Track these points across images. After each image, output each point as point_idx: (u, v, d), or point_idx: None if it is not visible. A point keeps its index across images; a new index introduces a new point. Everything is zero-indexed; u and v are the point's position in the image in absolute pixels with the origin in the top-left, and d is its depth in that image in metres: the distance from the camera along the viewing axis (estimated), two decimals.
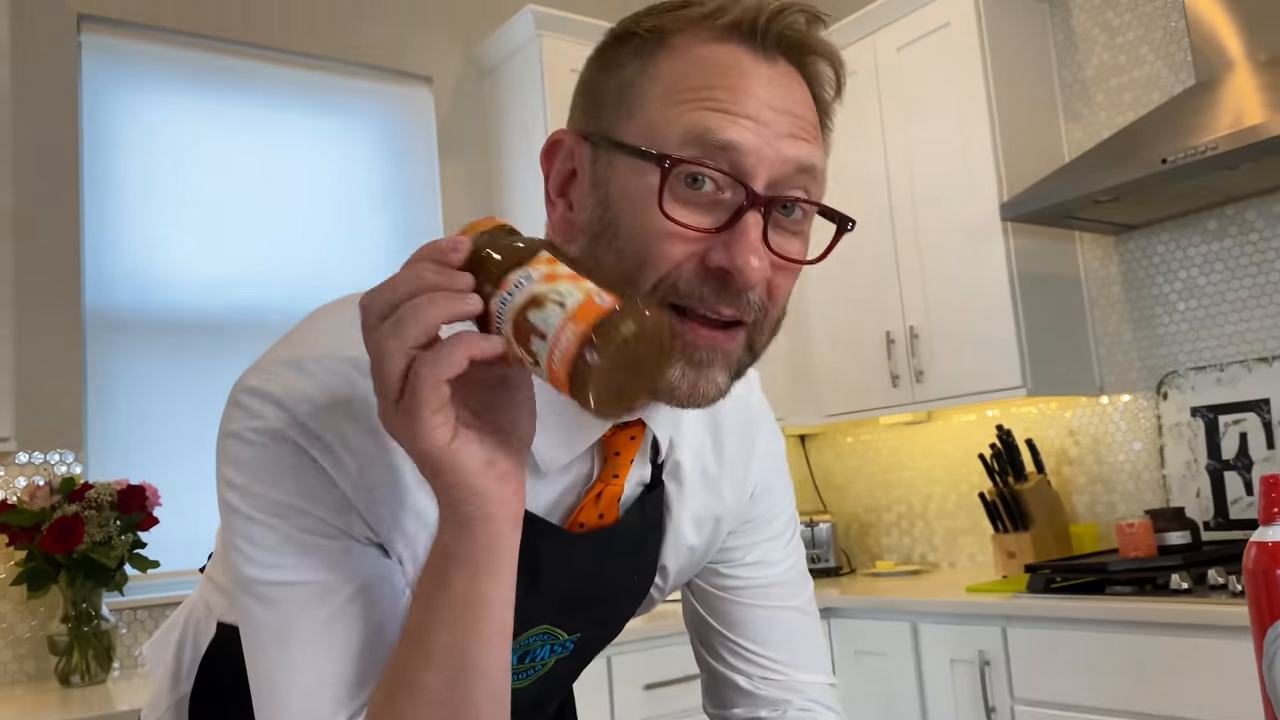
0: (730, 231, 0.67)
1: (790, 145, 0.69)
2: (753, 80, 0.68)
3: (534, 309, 0.56)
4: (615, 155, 0.70)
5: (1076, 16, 2.90)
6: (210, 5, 2.78)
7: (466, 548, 0.62)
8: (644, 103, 0.70)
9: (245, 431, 0.69)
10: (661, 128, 0.68)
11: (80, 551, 2.15)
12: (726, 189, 0.68)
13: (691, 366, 0.69)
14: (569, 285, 0.57)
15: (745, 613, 0.94)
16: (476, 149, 3.21)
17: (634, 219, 0.68)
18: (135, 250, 2.59)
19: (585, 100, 0.75)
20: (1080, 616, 2.17)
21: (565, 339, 0.55)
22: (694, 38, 0.70)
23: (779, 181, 0.69)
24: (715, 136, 0.67)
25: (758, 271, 0.67)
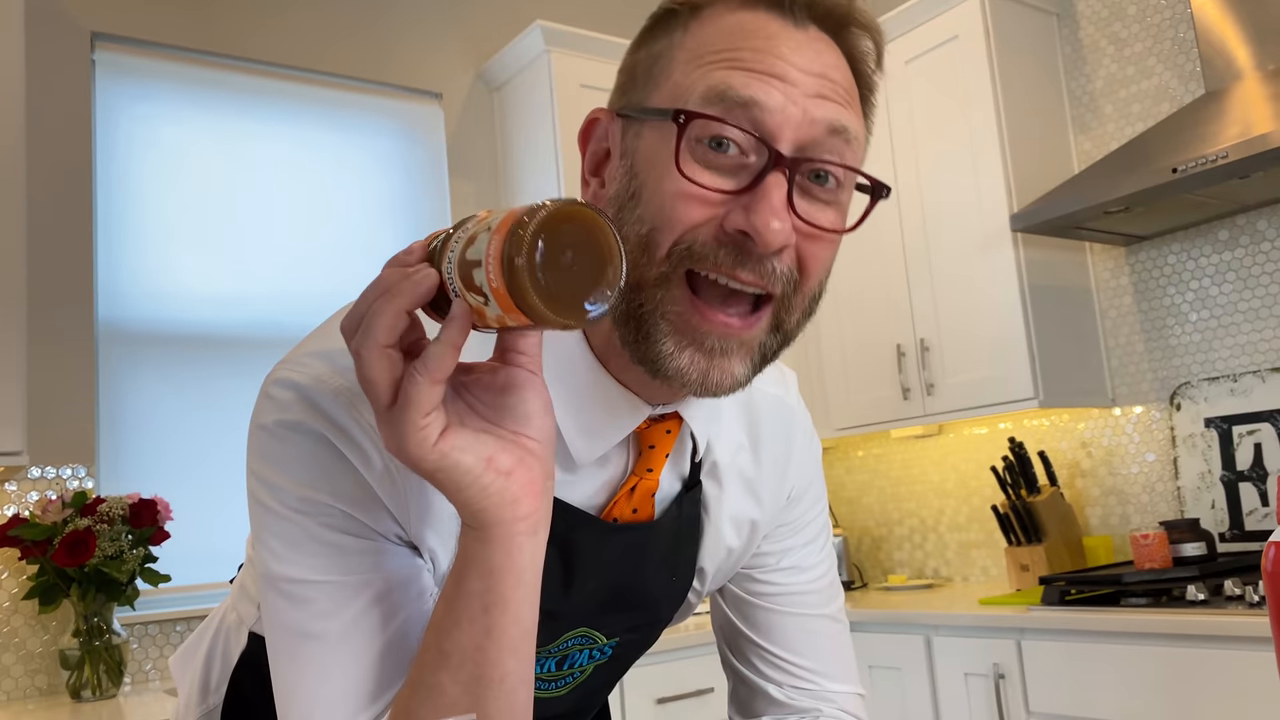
0: (751, 193, 0.65)
1: (818, 105, 0.66)
2: (780, 41, 0.67)
3: (469, 247, 0.56)
4: (644, 124, 0.69)
5: (1084, 28, 2.90)
6: (222, 23, 2.80)
7: (480, 548, 0.61)
8: (670, 69, 0.69)
9: (274, 424, 0.68)
10: (684, 89, 0.67)
11: (92, 565, 2.15)
12: (751, 152, 0.66)
13: (702, 353, 0.67)
14: (499, 215, 0.56)
15: (778, 620, 0.93)
16: (486, 164, 3.22)
17: (655, 182, 0.67)
18: (148, 265, 2.60)
19: (621, 79, 0.74)
20: (1096, 629, 2.16)
21: (492, 253, 0.54)
22: (724, 6, 0.69)
23: (807, 144, 0.66)
24: (737, 93, 0.65)
25: (779, 234, 0.64)
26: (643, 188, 0.68)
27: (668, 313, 0.67)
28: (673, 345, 0.67)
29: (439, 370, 0.56)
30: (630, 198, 0.69)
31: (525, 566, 0.62)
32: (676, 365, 0.67)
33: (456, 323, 0.56)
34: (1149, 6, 2.75)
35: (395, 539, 0.70)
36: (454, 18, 3.22)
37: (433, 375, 0.56)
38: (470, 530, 0.62)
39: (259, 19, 2.86)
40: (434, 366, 0.56)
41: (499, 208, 0.58)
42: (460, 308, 0.57)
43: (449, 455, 0.58)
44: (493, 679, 0.62)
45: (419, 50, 3.14)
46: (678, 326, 0.67)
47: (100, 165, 2.58)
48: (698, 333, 0.67)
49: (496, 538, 0.61)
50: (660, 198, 0.66)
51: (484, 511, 0.60)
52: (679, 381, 0.67)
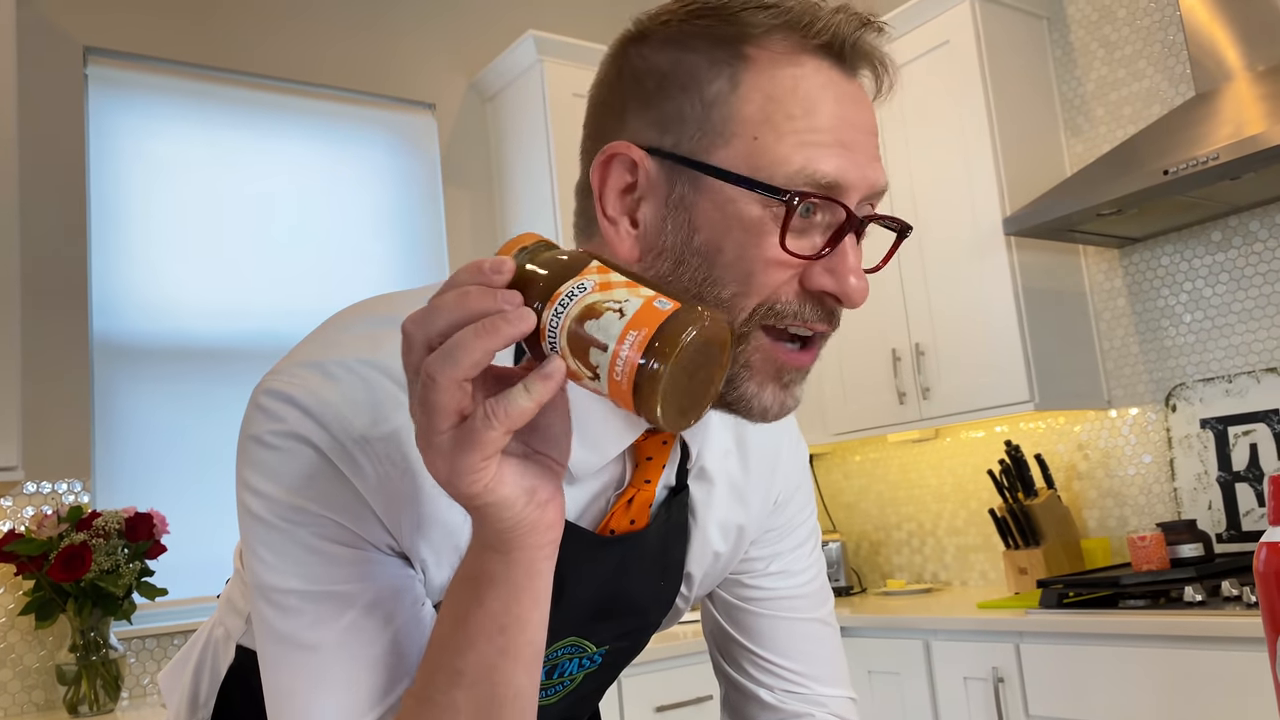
0: (832, 256, 0.69)
1: (874, 169, 0.71)
2: (845, 105, 0.70)
3: (590, 319, 0.53)
4: (703, 178, 0.68)
5: (1074, 32, 2.91)
6: (214, 36, 2.81)
7: (503, 571, 0.61)
8: (739, 127, 0.68)
9: (265, 435, 0.68)
10: (767, 159, 0.67)
11: (88, 580, 2.14)
12: (824, 212, 0.69)
13: (781, 387, 0.71)
14: (626, 292, 0.54)
15: (768, 624, 0.94)
16: (480, 174, 3.23)
17: (741, 249, 0.68)
18: (142, 278, 2.60)
19: (650, 110, 0.71)
20: (1094, 631, 2.15)
21: (627, 347, 0.52)
22: (775, 51, 0.69)
23: (864, 201, 0.71)
24: (824, 176, 0.67)
25: (860, 292, 0.69)
26: (718, 251, 0.68)
27: (750, 360, 0.70)
28: (755, 387, 0.70)
29: (517, 421, 0.54)
30: (696, 254, 0.69)
31: (543, 588, 0.62)
32: (762, 404, 0.70)
33: (550, 384, 0.54)
34: (1138, 10, 2.76)
35: (387, 549, 0.70)
36: (446, 28, 3.23)
37: (509, 424, 0.54)
38: (491, 551, 0.61)
39: (252, 32, 2.87)
40: (515, 417, 0.54)
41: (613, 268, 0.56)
42: (557, 367, 0.55)
43: (497, 491, 0.57)
44: (506, 697, 0.63)
45: (412, 61, 3.15)
46: (760, 371, 0.70)
47: (94, 179, 2.58)
48: (782, 370, 0.71)
49: (521, 561, 0.60)
50: (749, 264, 0.68)
51: (517, 538, 0.59)
52: (760, 416, 0.71)
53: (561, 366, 0.55)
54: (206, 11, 2.81)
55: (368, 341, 0.70)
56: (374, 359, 0.69)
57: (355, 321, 0.73)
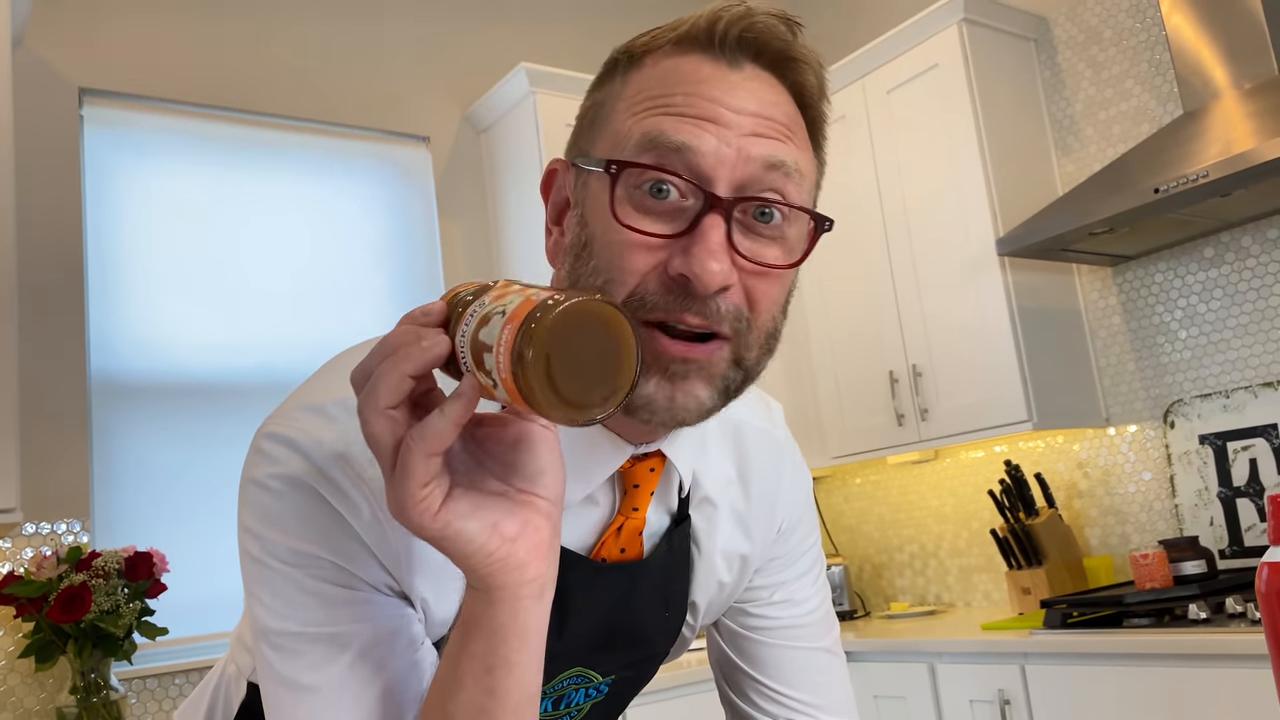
0: (690, 236, 0.65)
1: (754, 144, 0.67)
2: (712, 84, 0.68)
3: (483, 327, 0.54)
4: (589, 173, 0.70)
5: (1062, 53, 2.94)
6: (208, 75, 2.83)
7: (485, 610, 0.61)
8: (610, 120, 0.71)
9: (264, 478, 0.68)
10: (621, 137, 0.68)
11: (88, 621, 2.13)
12: (690, 196, 0.66)
13: (666, 379, 0.67)
14: (516, 297, 0.54)
15: (773, 653, 0.93)
16: (474, 205, 3.24)
17: (602, 233, 0.68)
18: (139, 317, 2.60)
19: (575, 127, 0.76)
20: (1099, 651, 2.15)
21: (504, 342, 0.52)
22: (660, 53, 0.71)
23: (745, 183, 0.67)
24: (669, 139, 0.66)
25: (717, 275, 0.64)
26: (592, 238, 0.69)
27: None
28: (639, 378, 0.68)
29: (436, 444, 0.55)
30: (583, 247, 0.70)
31: (530, 629, 0.62)
32: (644, 394, 0.66)
33: (463, 400, 0.55)
34: (1124, 30, 2.79)
35: (386, 590, 0.70)
36: (440, 61, 3.25)
37: (429, 447, 0.55)
38: (474, 591, 0.61)
39: (246, 70, 2.89)
40: (431, 439, 0.55)
41: (518, 283, 0.57)
42: (469, 384, 0.55)
43: (451, 524, 0.57)
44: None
45: (406, 95, 3.17)
46: (643, 360, 0.67)
47: (90, 219, 2.59)
48: (660, 360, 0.67)
49: (502, 600, 0.60)
50: (608, 248, 0.67)
51: (490, 576, 0.60)
52: (647, 411, 0.67)
53: (472, 383, 0.55)
54: (200, 51, 2.83)
55: None
56: None
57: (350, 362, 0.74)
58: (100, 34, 2.69)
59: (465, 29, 3.32)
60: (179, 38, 2.81)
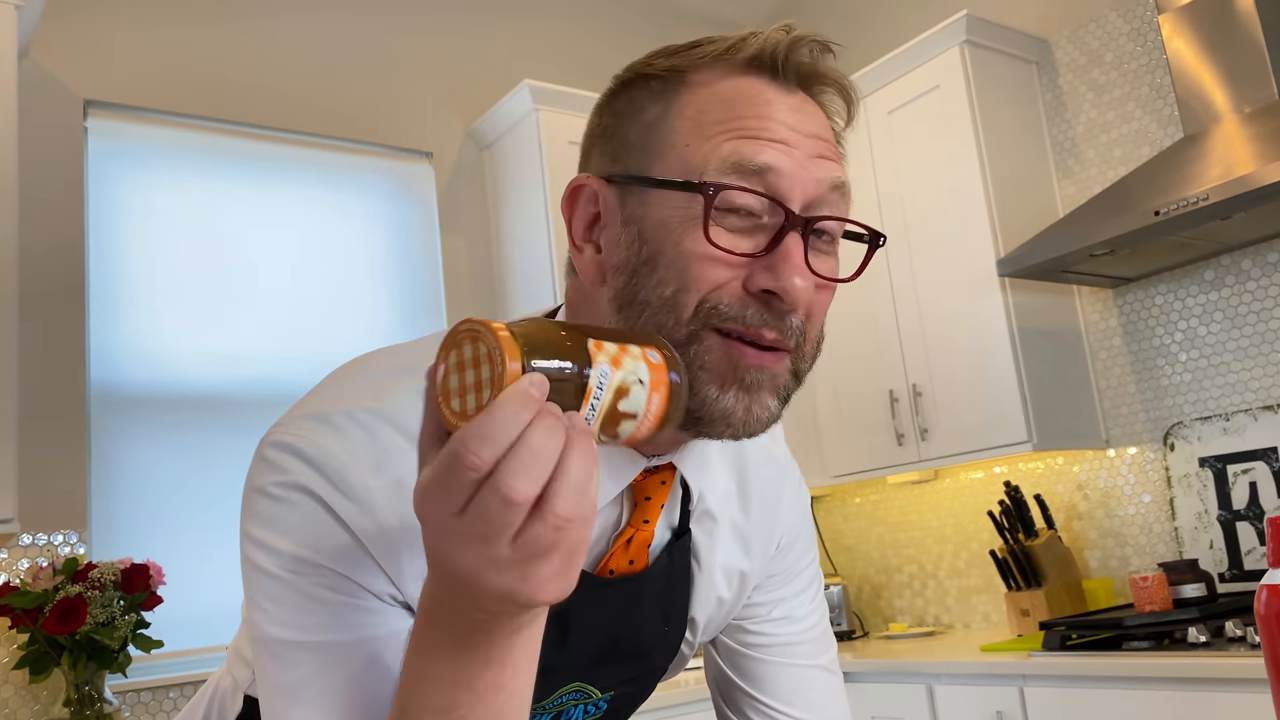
0: (773, 254, 0.68)
1: (819, 166, 0.70)
2: (778, 108, 0.70)
3: (623, 399, 0.56)
4: (650, 192, 0.71)
5: (1063, 76, 2.95)
6: (212, 88, 2.84)
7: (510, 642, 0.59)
8: (672, 139, 0.71)
9: (269, 486, 0.68)
10: (697, 159, 0.69)
11: (83, 633, 2.12)
12: (764, 214, 0.69)
13: (744, 390, 0.69)
14: (630, 360, 0.57)
15: (770, 670, 0.93)
16: (477, 221, 3.25)
17: (675, 247, 0.69)
18: (140, 328, 2.60)
19: (606, 145, 0.75)
20: (1098, 674, 2.14)
21: (653, 410, 0.57)
22: (714, 74, 0.72)
23: (813, 202, 0.70)
24: (751, 161, 0.68)
25: (803, 291, 0.67)
26: (659, 254, 0.70)
27: (706, 362, 0.69)
28: (716, 389, 0.69)
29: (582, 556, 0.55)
30: (644, 263, 0.70)
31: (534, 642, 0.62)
32: (723, 406, 0.68)
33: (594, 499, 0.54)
34: (1125, 53, 2.81)
35: (389, 599, 0.70)
36: (443, 78, 3.27)
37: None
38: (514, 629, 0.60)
39: (249, 84, 2.90)
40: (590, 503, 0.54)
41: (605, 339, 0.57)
42: None
43: None
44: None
45: (409, 110, 3.18)
46: (718, 370, 0.69)
47: (93, 230, 2.59)
48: (739, 369, 0.69)
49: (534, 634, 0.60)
50: (683, 261, 0.69)
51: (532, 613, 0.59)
52: (724, 422, 0.69)
53: None
54: (205, 64, 2.85)
55: (371, 391, 0.71)
56: (378, 408, 0.70)
57: (359, 373, 0.74)
58: (105, 47, 2.70)
59: (469, 46, 3.34)
60: (184, 51, 2.82)
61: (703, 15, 3.79)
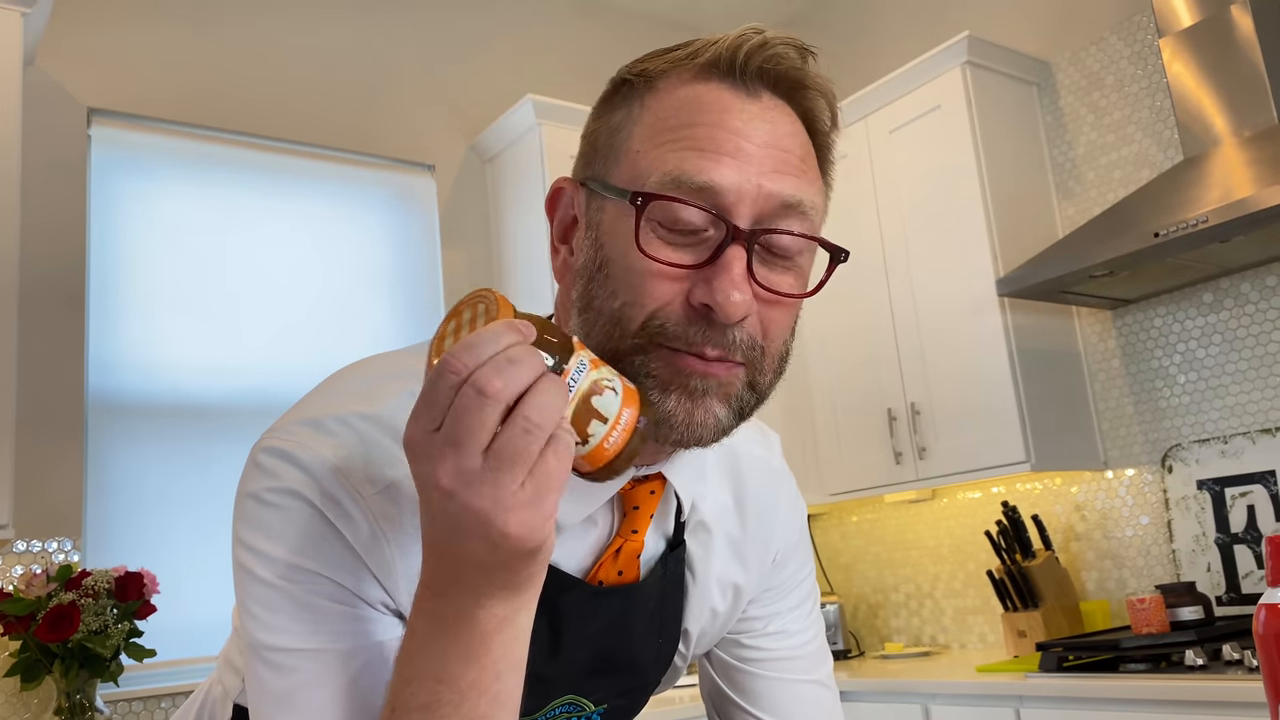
0: (712, 267, 0.67)
1: (773, 180, 0.68)
2: (733, 116, 0.68)
3: (596, 395, 0.59)
4: (605, 198, 0.71)
5: (1064, 98, 2.96)
6: (216, 98, 2.85)
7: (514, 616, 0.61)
8: (628, 145, 0.71)
9: (262, 492, 0.68)
10: (643, 169, 0.68)
11: (75, 641, 2.11)
12: (710, 226, 0.67)
13: (686, 395, 0.68)
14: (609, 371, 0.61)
15: (765, 685, 0.93)
16: (478, 234, 3.26)
17: (621, 259, 0.69)
18: (140, 336, 2.60)
19: (583, 148, 0.76)
20: (1094, 695, 2.13)
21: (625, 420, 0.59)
22: (676, 79, 0.71)
23: (764, 216, 0.68)
24: (692, 179, 0.67)
25: (740, 306, 0.66)
26: (609, 262, 0.70)
27: (651, 369, 0.68)
28: (658, 394, 0.68)
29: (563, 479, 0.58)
30: (598, 269, 0.70)
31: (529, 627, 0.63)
32: (665, 409, 0.68)
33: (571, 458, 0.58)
34: (1126, 76, 2.82)
35: (382, 607, 0.70)
36: (447, 91, 3.28)
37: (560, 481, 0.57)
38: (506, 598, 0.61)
39: (254, 94, 2.91)
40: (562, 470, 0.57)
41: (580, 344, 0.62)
42: None
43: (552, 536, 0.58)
44: None
45: (412, 123, 3.19)
46: (662, 378, 0.68)
47: (94, 238, 2.60)
48: (681, 375, 0.68)
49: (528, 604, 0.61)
50: (628, 275, 0.68)
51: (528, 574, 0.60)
52: (666, 427, 0.68)
53: None
54: (209, 74, 2.86)
55: (364, 397, 0.71)
56: (370, 414, 0.70)
57: (352, 378, 0.74)
58: (110, 55, 2.71)
59: (473, 60, 3.35)
60: (189, 61, 2.83)
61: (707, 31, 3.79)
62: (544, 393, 0.54)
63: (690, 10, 3.73)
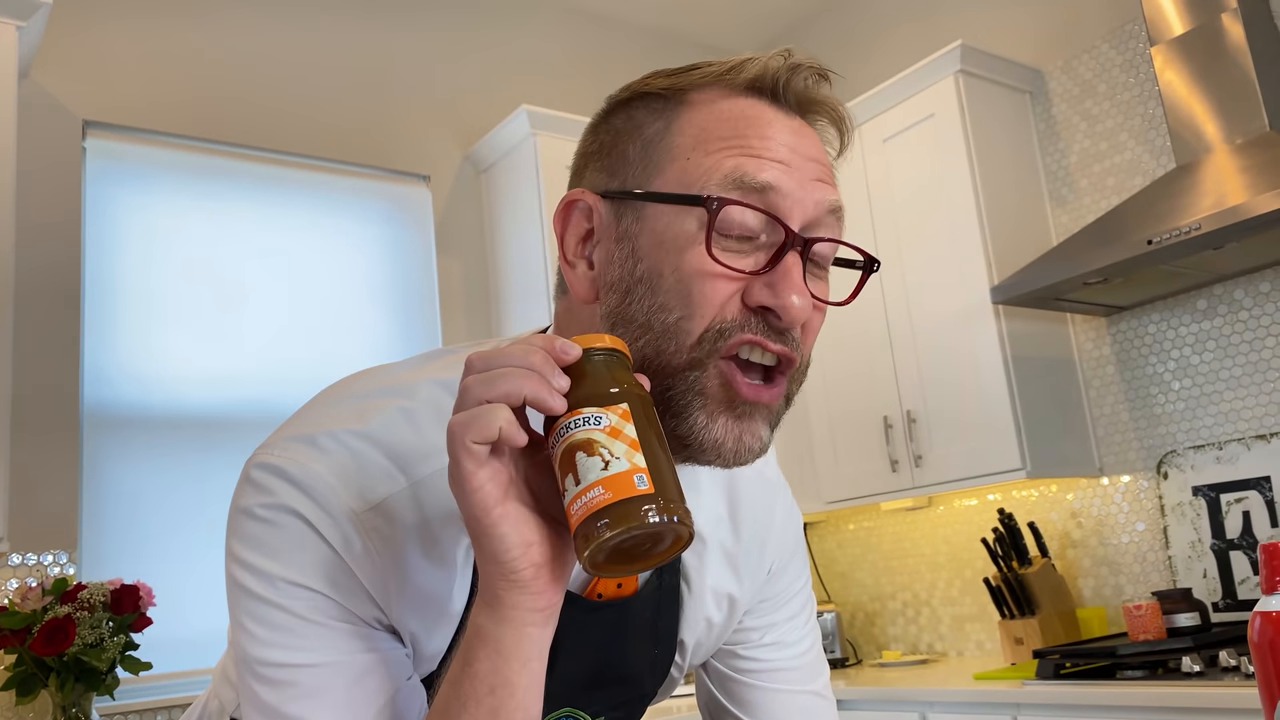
0: (773, 272, 0.68)
1: (818, 189, 0.71)
2: (779, 129, 0.71)
3: (582, 452, 0.58)
4: (646, 207, 0.71)
5: (1057, 106, 2.97)
6: (211, 110, 2.85)
7: (494, 629, 0.62)
8: (673, 154, 0.71)
9: (255, 508, 0.68)
10: (698, 174, 0.69)
11: (71, 654, 2.10)
12: (762, 232, 0.69)
13: (734, 419, 0.69)
14: (624, 449, 0.58)
15: (762, 696, 0.92)
16: (473, 244, 3.26)
17: (676, 264, 0.69)
18: (135, 348, 2.60)
19: (603, 161, 0.76)
20: (1092, 703, 2.13)
21: (591, 497, 0.57)
22: (715, 93, 0.72)
23: (811, 224, 0.71)
24: (754, 178, 0.68)
25: (801, 310, 0.68)
26: (657, 274, 0.70)
27: (704, 389, 0.69)
28: (705, 418, 0.69)
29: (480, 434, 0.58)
30: (639, 282, 0.70)
31: (532, 655, 0.63)
32: (711, 436, 0.69)
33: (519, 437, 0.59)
34: (1118, 84, 2.83)
35: (375, 623, 0.70)
36: (442, 102, 3.29)
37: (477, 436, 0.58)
38: (484, 607, 0.62)
39: (249, 105, 2.92)
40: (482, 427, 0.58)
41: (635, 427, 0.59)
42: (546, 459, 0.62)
43: (499, 525, 0.59)
44: None
45: (408, 134, 3.20)
46: (712, 399, 0.69)
47: (89, 250, 2.59)
48: (732, 401, 0.69)
49: (511, 620, 0.62)
50: (685, 282, 0.69)
51: (505, 592, 0.61)
52: (714, 453, 0.69)
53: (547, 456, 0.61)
54: (204, 85, 2.86)
55: (357, 413, 0.71)
56: (363, 430, 0.70)
57: (345, 394, 0.74)
58: (105, 67, 2.72)
59: (468, 70, 3.36)
60: (183, 72, 2.83)
61: (701, 43, 3.82)
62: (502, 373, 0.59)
63: (685, 23, 3.74)
